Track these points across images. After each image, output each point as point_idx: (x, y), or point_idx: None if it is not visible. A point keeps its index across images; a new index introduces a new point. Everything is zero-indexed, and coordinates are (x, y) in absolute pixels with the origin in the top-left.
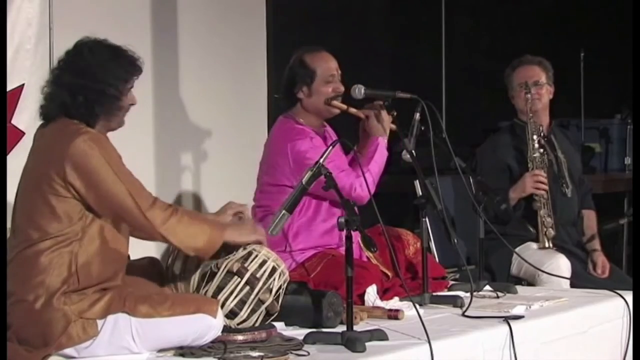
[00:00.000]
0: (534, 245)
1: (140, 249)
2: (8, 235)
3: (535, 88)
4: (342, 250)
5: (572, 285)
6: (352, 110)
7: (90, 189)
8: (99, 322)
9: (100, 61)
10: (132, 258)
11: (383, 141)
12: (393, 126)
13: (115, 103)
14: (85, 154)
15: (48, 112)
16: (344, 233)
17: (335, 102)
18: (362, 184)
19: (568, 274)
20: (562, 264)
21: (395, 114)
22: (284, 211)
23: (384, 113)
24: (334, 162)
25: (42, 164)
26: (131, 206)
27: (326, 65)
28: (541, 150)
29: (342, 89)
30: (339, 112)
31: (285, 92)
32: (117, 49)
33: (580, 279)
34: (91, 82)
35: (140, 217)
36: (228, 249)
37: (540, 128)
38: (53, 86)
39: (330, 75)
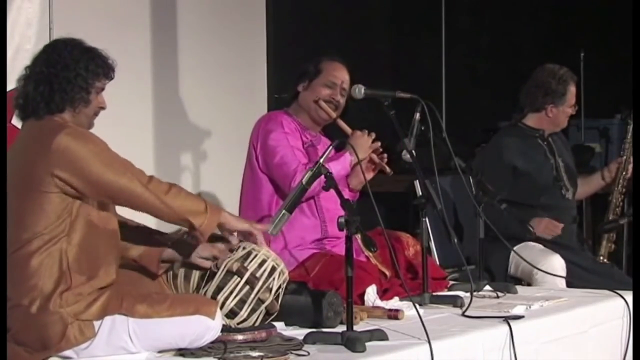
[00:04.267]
0: (531, 245)
1: None
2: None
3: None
4: (334, 248)
5: (569, 285)
6: (341, 122)
7: (82, 179)
8: (96, 324)
9: (73, 53)
10: None
11: (349, 157)
12: (375, 159)
13: (81, 94)
14: (71, 147)
15: (21, 109)
16: (327, 227)
17: (323, 104)
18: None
19: (563, 273)
20: (556, 264)
21: (393, 113)
22: (284, 211)
23: (366, 139)
24: (295, 147)
25: (26, 163)
26: (130, 185)
27: (334, 73)
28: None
29: (340, 100)
30: (328, 118)
31: (292, 86)
32: (92, 48)
33: (578, 278)
34: (60, 70)
35: (143, 192)
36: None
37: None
38: (23, 80)
39: (332, 82)
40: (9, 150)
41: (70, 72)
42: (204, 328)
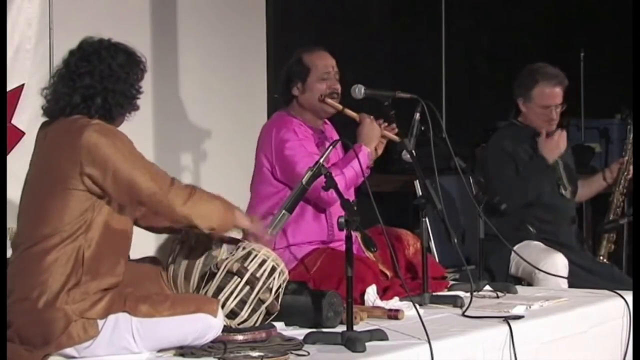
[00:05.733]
0: (533, 244)
1: (140, 249)
2: (8, 235)
3: (557, 111)
4: (337, 246)
5: (570, 284)
6: (348, 111)
7: (108, 176)
8: (100, 322)
9: (121, 63)
10: (132, 258)
11: (366, 149)
12: (388, 134)
13: (134, 102)
14: (98, 144)
15: (54, 113)
16: (334, 230)
17: (330, 100)
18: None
19: (565, 272)
20: (558, 262)
21: (393, 113)
22: (284, 211)
23: (375, 124)
24: (313, 152)
25: (52, 160)
26: (151, 188)
27: (322, 63)
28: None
29: (338, 87)
30: (334, 111)
31: (282, 89)
32: (132, 52)
33: (578, 278)
34: (113, 83)
35: (162, 198)
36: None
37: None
38: (64, 88)
39: (325, 72)
40: (35, 146)
41: (124, 84)
42: (206, 326)
